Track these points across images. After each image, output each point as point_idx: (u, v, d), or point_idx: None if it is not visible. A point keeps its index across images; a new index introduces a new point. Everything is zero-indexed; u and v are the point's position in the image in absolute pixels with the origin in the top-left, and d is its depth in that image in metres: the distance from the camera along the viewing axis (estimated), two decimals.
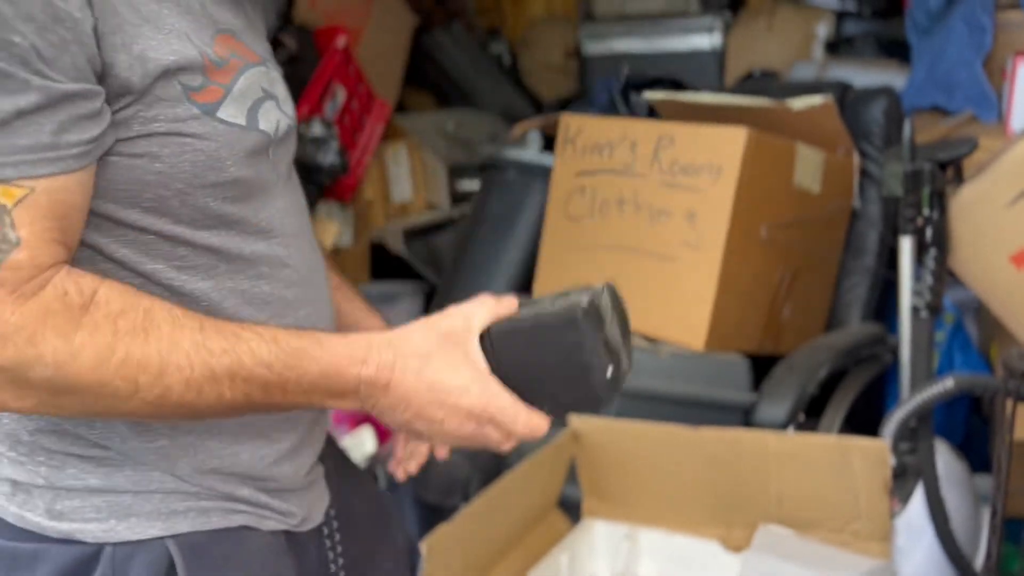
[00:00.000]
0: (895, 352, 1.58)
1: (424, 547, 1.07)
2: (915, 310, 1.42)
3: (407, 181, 2.51)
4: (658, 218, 1.57)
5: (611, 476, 1.37)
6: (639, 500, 1.36)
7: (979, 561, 1.37)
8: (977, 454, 1.60)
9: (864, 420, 1.46)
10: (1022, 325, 1.39)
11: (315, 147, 2.00)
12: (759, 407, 1.45)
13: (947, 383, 1.29)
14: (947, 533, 1.34)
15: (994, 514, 1.18)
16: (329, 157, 2.03)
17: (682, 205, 1.54)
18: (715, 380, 1.49)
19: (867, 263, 1.68)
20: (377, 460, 1.87)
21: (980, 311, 1.75)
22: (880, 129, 1.68)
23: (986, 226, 1.37)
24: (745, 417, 1.48)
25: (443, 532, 1.10)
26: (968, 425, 1.75)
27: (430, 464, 2.16)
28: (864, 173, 1.70)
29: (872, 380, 1.59)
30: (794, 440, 1.26)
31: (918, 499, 1.37)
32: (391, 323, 0.83)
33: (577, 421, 1.37)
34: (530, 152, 1.99)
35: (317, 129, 2.02)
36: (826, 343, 1.59)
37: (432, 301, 2.18)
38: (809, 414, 1.47)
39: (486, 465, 1.56)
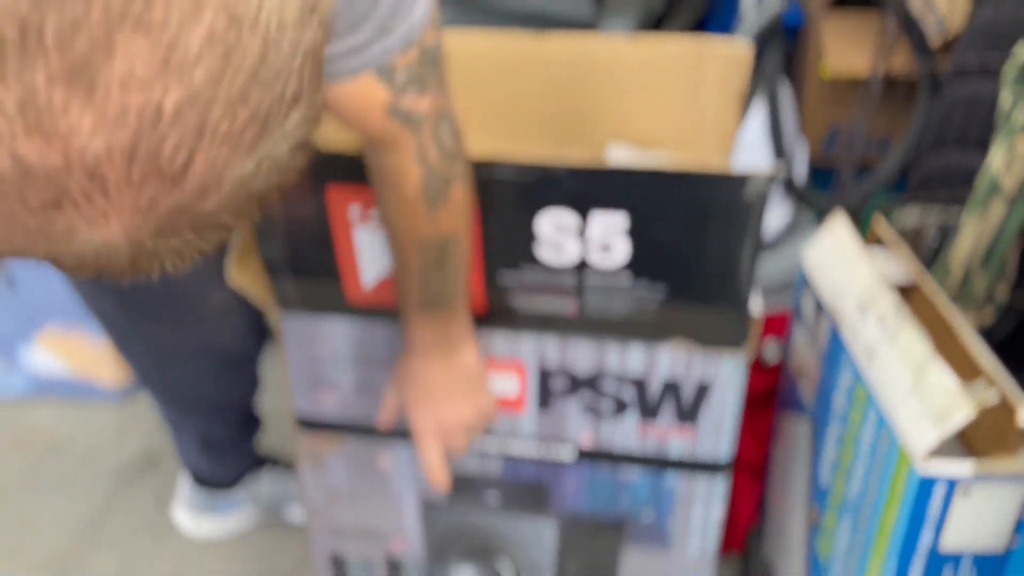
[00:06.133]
0: None
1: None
2: None
3: None
4: None
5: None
6: (480, 126, 1.24)
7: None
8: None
9: None
10: None
11: None
12: (602, 22, 1.33)
13: None
14: (781, 147, 1.34)
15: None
16: None
17: None
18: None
19: None
20: None
21: None
22: None
23: None
24: None
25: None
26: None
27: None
28: None
29: None
30: (648, 44, 1.16)
31: (757, 118, 1.35)
32: None
33: None
34: None
35: None
36: None
37: None
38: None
39: None
